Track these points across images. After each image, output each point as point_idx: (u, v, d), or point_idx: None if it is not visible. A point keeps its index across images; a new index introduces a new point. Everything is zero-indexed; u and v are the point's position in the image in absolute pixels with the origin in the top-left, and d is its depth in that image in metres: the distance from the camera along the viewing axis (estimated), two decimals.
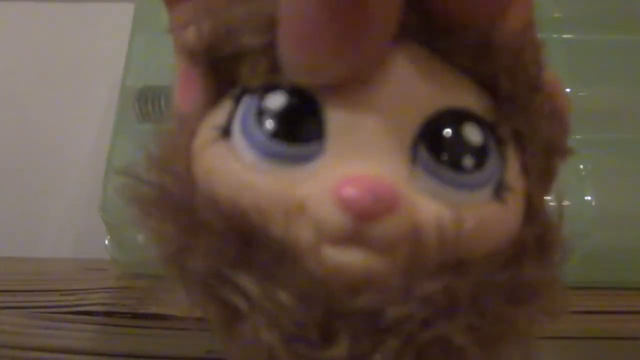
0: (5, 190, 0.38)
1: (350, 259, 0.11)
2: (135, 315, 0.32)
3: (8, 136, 0.40)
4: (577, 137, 0.32)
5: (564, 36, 0.37)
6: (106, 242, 0.34)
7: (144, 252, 0.13)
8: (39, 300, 0.33)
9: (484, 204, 0.12)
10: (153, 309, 0.32)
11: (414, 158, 0.12)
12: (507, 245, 0.12)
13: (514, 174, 0.13)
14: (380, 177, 0.11)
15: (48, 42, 0.44)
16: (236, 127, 0.12)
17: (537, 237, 0.13)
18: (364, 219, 0.11)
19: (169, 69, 0.14)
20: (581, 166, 0.32)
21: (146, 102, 0.33)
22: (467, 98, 0.12)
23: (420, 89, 0.12)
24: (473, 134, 0.12)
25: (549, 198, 0.14)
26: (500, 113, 0.13)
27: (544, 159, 0.13)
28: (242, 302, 0.11)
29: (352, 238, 0.11)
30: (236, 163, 0.12)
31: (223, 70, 0.13)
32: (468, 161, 0.12)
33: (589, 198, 0.31)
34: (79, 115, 0.41)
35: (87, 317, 0.32)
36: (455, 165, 0.12)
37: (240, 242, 0.11)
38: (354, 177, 0.11)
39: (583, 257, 0.28)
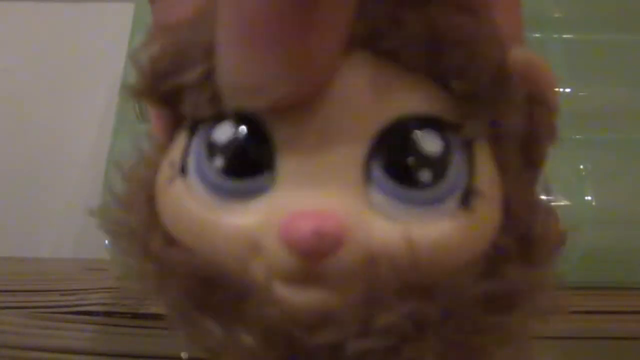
0: (6, 190, 0.38)
1: (304, 298, 0.11)
2: (135, 315, 0.32)
3: (8, 136, 0.40)
4: (577, 137, 0.32)
5: (564, 36, 0.37)
6: (106, 242, 0.34)
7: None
8: (39, 300, 0.33)
9: (448, 218, 0.11)
10: (153, 309, 0.32)
11: (368, 177, 0.11)
12: (481, 254, 0.12)
13: (485, 177, 0.12)
14: (326, 211, 0.11)
15: (48, 42, 0.44)
16: (190, 164, 0.12)
17: (519, 238, 0.12)
18: (311, 259, 0.10)
19: None
20: (581, 166, 0.32)
21: None
22: (424, 101, 0.11)
23: (372, 100, 0.11)
24: (429, 143, 0.11)
25: (545, 196, 0.13)
26: (464, 111, 0.11)
27: (525, 149, 0.12)
28: (211, 343, 0.11)
29: (304, 277, 0.11)
30: (191, 202, 0.12)
31: (172, 104, 0.12)
32: (426, 175, 0.11)
33: (589, 198, 0.31)
34: (79, 115, 0.40)
35: (87, 317, 0.32)
36: (412, 181, 0.11)
37: (203, 285, 0.11)
38: (298, 215, 0.11)
39: (583, 257, 0.28)
